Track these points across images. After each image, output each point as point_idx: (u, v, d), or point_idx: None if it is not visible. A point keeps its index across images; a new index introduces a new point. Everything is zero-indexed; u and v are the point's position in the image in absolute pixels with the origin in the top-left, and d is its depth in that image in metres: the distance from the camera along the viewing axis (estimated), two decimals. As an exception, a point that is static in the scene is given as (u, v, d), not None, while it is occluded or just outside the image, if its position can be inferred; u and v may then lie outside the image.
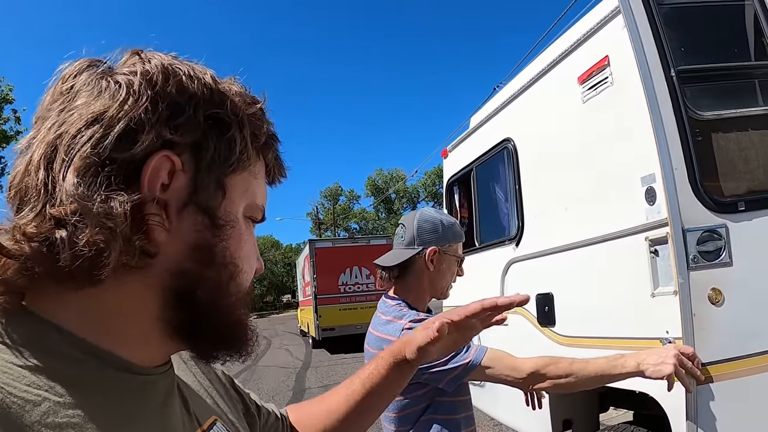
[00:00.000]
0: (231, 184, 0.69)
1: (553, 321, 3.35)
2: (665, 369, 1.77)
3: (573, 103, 3.12)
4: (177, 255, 0.64)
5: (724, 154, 2.39)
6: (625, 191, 2.62)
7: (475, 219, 4.83)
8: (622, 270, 2.73)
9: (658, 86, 2.30)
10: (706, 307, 2.19)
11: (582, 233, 3.02)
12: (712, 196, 2.27)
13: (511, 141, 3.97)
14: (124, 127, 0.59)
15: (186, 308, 0.65)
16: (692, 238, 2.20)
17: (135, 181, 0.60)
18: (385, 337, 1.85)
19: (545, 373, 1.79)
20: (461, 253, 2.06)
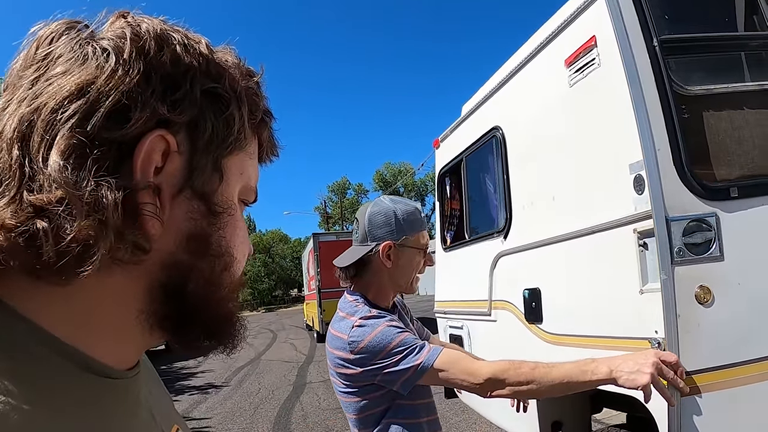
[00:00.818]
0: (228, 166, 0.64)
1: (540, 318, 3.19)
2: (640, 379, 1.59)
3: (560, 87, 2.94)
4: (169, 246, 0.59)
5: (714, 134, 2.14)
6: (613, 180, 2.43)
7: (465, 211, 4.67)
8: (609, 264, 2.54)
9: (638, 57, 2.06)
10: (693, 308, 1.95)
11: (569, 225, 2.84)
12: (700, 181, 2.03)
13: (500, 129, 3.80)
14: (114, 103, 0.53)
15: (175, 302, 0.60)
16: (677, 229, 1.96)
17: (125, 164, 0.54)
18: (337, 335, 1.79)
19: (504, 379, 1.65)
20: (424, 243, 1.92)
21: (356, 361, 1.72)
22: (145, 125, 0.54)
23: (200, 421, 9.04)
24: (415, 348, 1.70)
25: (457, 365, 1.69)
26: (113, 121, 0.53)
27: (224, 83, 0.62)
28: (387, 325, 1.74)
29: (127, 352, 0.63)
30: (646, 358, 1.63)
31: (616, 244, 2.44)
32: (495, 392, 1.66)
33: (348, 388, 1.79)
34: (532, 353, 3.24)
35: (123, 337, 0.60)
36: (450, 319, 4.84)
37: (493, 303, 3.86)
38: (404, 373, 1.68)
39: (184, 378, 14.24)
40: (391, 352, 1.69)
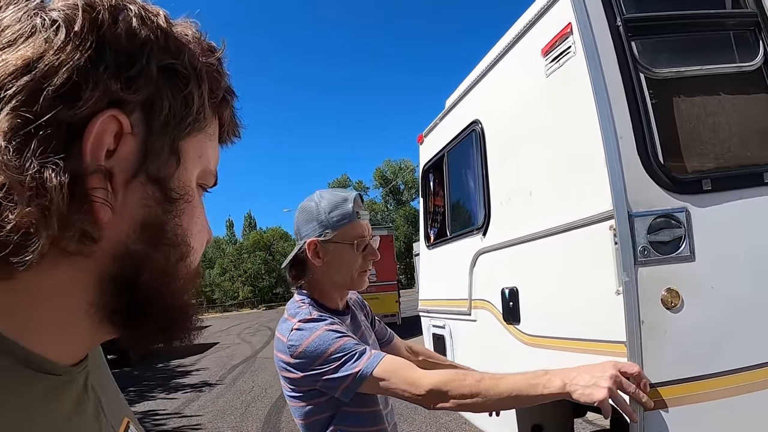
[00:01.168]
0: (185, 148, 0.60)
1: (518, 318, 3.05)
2: (596, 393, 1.45)
3: (537, 77, 2.79)
4: (121, 235, 0.55)
5: (685, 121, 1.97)
6: (589, 173, 2.28)
7: (447, 207, 4.54)
8: (585, 263, 2.40)
9: (600, 38, 1.89)
10: (659, 313, 1.78)
11: (545, 221, 2.70)
12: (669, 173, 1.86)
13: (479, 123, 3.66)
14: (64, 80, 0.49)
15: (126, 294, 0.56)
16: (641, 225, 1.79)
17: (74, 147, 0.50)
18: (279, 337, 1.73)
19: (447, 391, 1.55)
20: (354, 235, 1.79)
21: (296, 365, 1.66)
22: (97, 105, 0.50)
23: (191, 418, 9.10)
24: (354, 354, 1.62)
25: (398, 374, 1.59)
26: (62, 99, 0.49)
27: (183, 59, 0.58)
28: (325, 329, 1.66)
29: (74, 347, 0.59)
30: (603, 371, 1.50)
31: (592, 242, 2.29)
32: (438, 405, 1.57)
33: (293, 392, 1.73)
34: (510, 355, 3.14)
35: (70, 331, 0.56)
36: (433, 318, 4.73)
37: (472, 302, 3.74)
38: (343, 380, 1.61)
39: (179, 376, 14.29)
40: (329, 358, 1.61)
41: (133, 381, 13.65)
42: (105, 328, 0.58)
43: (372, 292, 16.39)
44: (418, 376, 1.58)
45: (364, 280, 1.83)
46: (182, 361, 16.91)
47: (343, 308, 1.90)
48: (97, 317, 0.56)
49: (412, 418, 7.46)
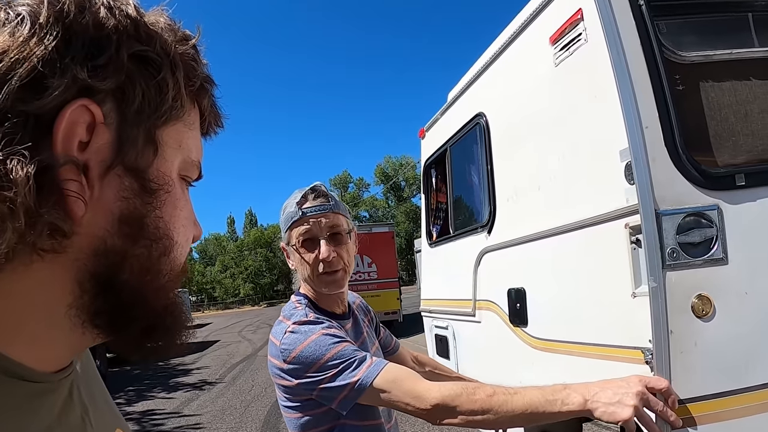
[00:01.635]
0: (163, 137, 0.58)
1: (525, 320, 2.92)
2: (621, 412, 1.30)
3: (545, 67, 2.66)
4: (99, 230, 0.53)
5: (716, 110, 1.81)
6: (603, 168, 2.14)
7: (450, 204, 4.40)
8: (599, 263, 2.26)
9: (621, 19, 1.72)
10: (689, 322, 1.62)
11: (555, 219, 2.56)
12: (699, 167, 1.70)
13: (483, 116, 3.52)
14: (29, 71, 0.48)
15: (107, 294, 0.54)
16: (670, 225, 1.62)
17: (45, 139, 0.49)
18: (272, 340, 1.61)
19: (455, 406, 1.39)
20: (300, 233, 1.65)
21: (290, 371, 1.52)
22: (65, 94, 0.49)
23: (190, 418, 9.05)
24: (354, 362, 1.48)
25: (401, 385, 1.45)
26: (28, 91, 0.48)
27: (155, 46, 0.56)
28: (322, 333, 1.53)
29: (56, 353, 0.57)
30: (629, 386, 1.34)
31: (606, 241, 2.16)
32: (445, 420, 1.41)
33: (288, 402, 1.59)
34: (517, 359, 3.03)
35: (49, 335, 0.54)
36: (435, 318, 4.60)
37: (477, 303, 3.61)
38: (341, 390, 1.47)
39: (179, 374, 14.29)
40: (325, 364, 1.48)
41: (132, 380, 13.63)
42: (88, 332, 0.56)
43: (373, 290, 16.36)
44: (424, 389, 1.43)
45: (327, 281, 1.66)
46: (182, 360, 16.90)
47: (343, 312, 1.76)
48: (78, 320, 0.54)
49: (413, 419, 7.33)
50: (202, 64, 0.63)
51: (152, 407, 10.12)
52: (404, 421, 7.16)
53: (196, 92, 0.63)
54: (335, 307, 1.72)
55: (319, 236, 1.64)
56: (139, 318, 0.57)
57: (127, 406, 10.33)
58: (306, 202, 1.66)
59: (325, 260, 1.62)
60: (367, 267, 16.92)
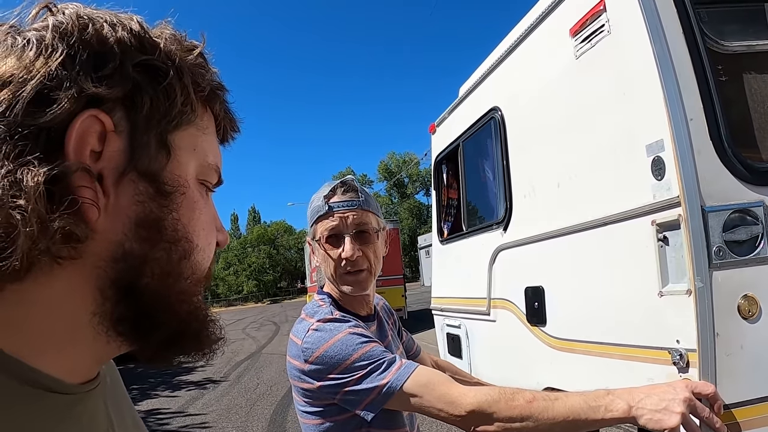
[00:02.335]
0: (176, 142, 0.58)
1: (543, 320, 2.86)
2: (668, 420, 1.24)
3: (565, 60, 2.60)
4: (117, 236, 0.54)
5: (760, 102, 1.73)
6: (628, 163, 2.07)
7: (463, 200, 4.34)
8: (623, 261, 2.20)
9: (662, 8, 1.66)
10: (736, 323, 1.56)
11: (576, 216, 2.50)
12: (745, 161, 1.63)
13: (498, 110, 3.46)
14: (36, 86, 0.50)
15: (129, 300, 0.54)
16: (716, 222, 1.56)
17: (58, 150, 0.50)
18: (293, 339, 1.52)
19: (492, 413, 1.31)
20: (325, 228, 1.57)
21: (311, 373, 1.42)
22: (73, 105, 0.51)
23: (195, 417, 8.96)
24: (383, 363, 1.39)
25: (434, 390, 1.36)
26: (35, 105, 0.50)
27: (159, 54, 0.58)
28: (349, 332, 1.44)
29: (82, 364, 0.57)
30: (675, 392, 1.28)
31: (631, 238, 2.09)
32: (480, 428, 1.33)
33: (308, 407, 1.49)
34: (535, 359, 2.96)
35: (74, 345, 0.54)
36: (447, 317, 4.54)
37: (492, 301, 3.54)
38: (368, 393, 1.38)
39: (183, 372, 14.22)
40: (352, 365, 1.39)
41: (136, 378, 13.60)
42: (113, 340, 0.56)
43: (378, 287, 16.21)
44: (459, 393, 1.35)
45: (350, 280, 1.57)
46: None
47: (368, 314, 1.68)
48: (102, 328, 0.55)
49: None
50: (210, 71, 0.65)
51: (157, 406, 10.07)
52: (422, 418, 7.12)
53: (207, 98, 0.64)
54: (360, 308, 1.64)
55: (345, 233, 1.56)
56: (164, 324, 0.57)
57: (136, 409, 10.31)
58: (334, 196, 1.58)
59: (348, 259, 1.54)
60: (372, 263, 16.92)
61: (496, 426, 1.31)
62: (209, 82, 0.64)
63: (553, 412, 1.29)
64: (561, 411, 1.29)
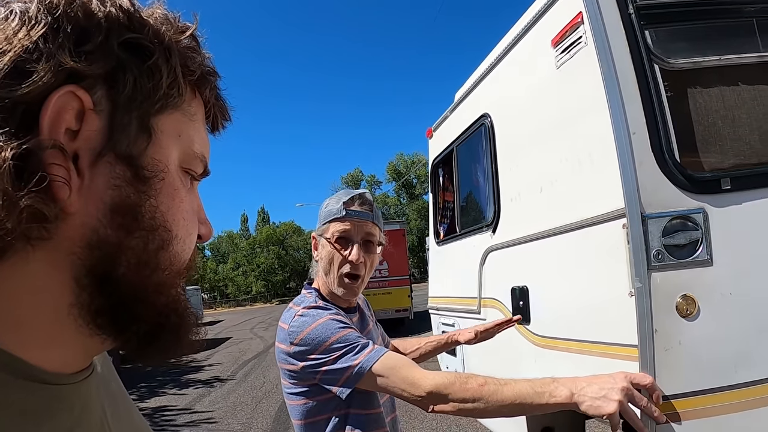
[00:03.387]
0: (159, 125, 0.57)
1: (528, 318, 2.97)
2: (606, 406, 1.36)
3: (547, 69, 2.70)
4: (91, 220, 0.52)
5: (703, 115, 1.85)
6: (602, 169, 2.18)
7: (457, 203, 4.44)
8: (597, 263, 2.30)
9: (611, 27, 1.78)
10: (674, 321, 1.66)
11: (556, 219, 2.60)
12: (685, 171, 1.75)
13: (488, 117, 3.56)
14: (12, 59, 0.48)
15: (105, 290, 0.53)
16: (655, 227, 1.68)
17: (32, 126, 0.48)
18: (281, 325, 1.69)
19: (447, 394, 1.47)
20: (338, 230, 1.75)
21: (296, 354, 1.59)
22: (51, 79, 0.49)
23: (202, 414, 9.14)
24: (356, 346, 1.57)
25: (398, 372, 1.53)
26: (11, 77, 0.47)
27: (147, 34, 0.55)
28: (329, 318, 1.62)
29: (69, 355, 0.55)
30: (614, 382, 1.40)
31: (604, 241, 2.20)
32: (438, 407, 1.50)
33: (294, 388, 1.66)
34: (520, 356, 3.06)
35: (61, 338, 0.53)
36: (442, 315, 4.65)
37: (482, 300, 3.66)
38: (342, 372, 1.55)
39: (191, 371, 14.36)
40: (330, 347, 1.56)
41: (145, 377, 13.74)
42: (95, 334, 0.54)
43: (384, 287, 16.32)
44: (420, 376, 1.51)
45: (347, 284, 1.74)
46: (194, 357, 16.96)
47: (349, 306, 1.84)
48: (82, 321, 0.53)
49: (422, 416, 7.39)
50: (202, 55, 0.62)
51: (164, 403, 10.22)
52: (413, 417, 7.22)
53: (196, 82, 0.62)
54: (342, 302, 1.80)
55: (354, 239, 1.73)
56: (141, 316, 0.56)
57: (140, 402, 10.44)
58: (353, 205, 1.75)
59: (353, 262, 1.70)
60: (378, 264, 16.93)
61: (451, 406, 1.47)
62: (200, 66, 0.62)
63: (501, 396, 1.43)
64: (509, 395, 1.43)
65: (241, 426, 8.11)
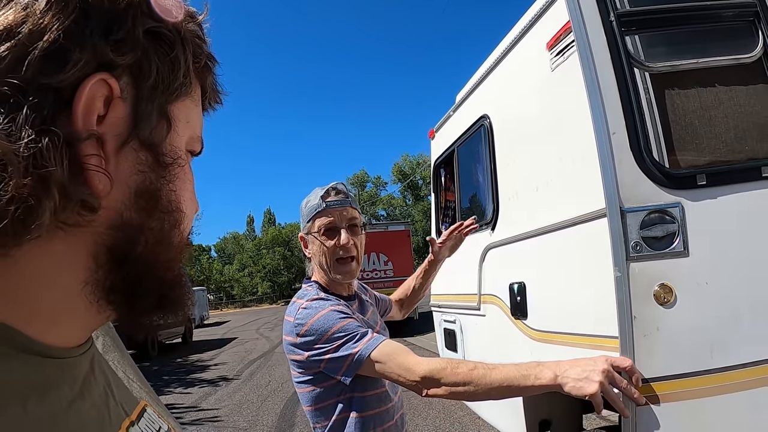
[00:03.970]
0: (174, 113, 0.58)
1: (525, 313, 3.05)
2: (588, 387, 1.46)
3: (542, 71, 2.80)
4: (116, 204, 0.53)
5: (681, 115, 1.95)
6: (588, 169, 2.27)
7: (458, 203, 4.53)
8: (586, 259, 2.39)
9: (593, 33, 1.89)
10: (652, 308, 1.76)
11: (549, 217, 2.69)
12: (662, 168, 1.85)
13: (488, 118, 3.66)
14: (50, 43, 0.47)
15: (122, 269, 0.54)
16: (634, 221, 1.78)
17: (64, 113, 0.48)
18: (287, 319, 1.80)
19: (440, 378, 1.58)
20: (320, 225, 1.87)
21: (302, 345, 1.71)
22: (85, 68, 0.49)
23: (208, 411, 9.21)
24: (356, 335, 1.68)
25: (394, 359, 1.63)
26: (50, 64, 0.47)
27: (167, 23, 0.56)
28: (331, 309, 1.73)
29: (73, 330, 0.56)
30: (596, 365, 1.50)
31: (592, 238, 2.28)
32: (431, 391, 1.60)
33: (301, 377, 1.78)
34: (518, 350, 3.14)
35: (66, 312, 0.54)
36: (444, 312, 4.73)
37: (482, 297, 3.74)
38: (343, 360, 1.66)
39: (197, 370, 14.42)
40: (331, 336, 1.67)
41: (151, 375, 13.77)
42: (103, 309, 0.56)
43: (389, 287, 16.40)
44: (414, 362, 1.61)
45: (343, 270, 1.86)
46: (201, 356, 17.09)
47: (349, 294, 1.96)
48: (93, 297, 0.54)
49: (425, 413, 7.48)
50: (206, 42, 0.63)
51: (170, 401, 10.25)
52: (417, 415, 7.30)
53: (200, 69, 0.63)
54: (342, 290, 1.93)
55: (340, 226, 1.85)
56: (152, 292, 0.58)
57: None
58: (329, 197, 1.88)
59: (344, 246, 1.83)
60: (383, 265, 17.04)
61: (443, 389, 1.57)
62: (204, 54, 0.63)
63: (490, 379, 1.53)
64: (497, 378, 1.53)
65: (246, 423, 8.17)
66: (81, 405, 0.54)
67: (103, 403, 0.59)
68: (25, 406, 0.47)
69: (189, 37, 0.59)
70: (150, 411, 0.70)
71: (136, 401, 0.68)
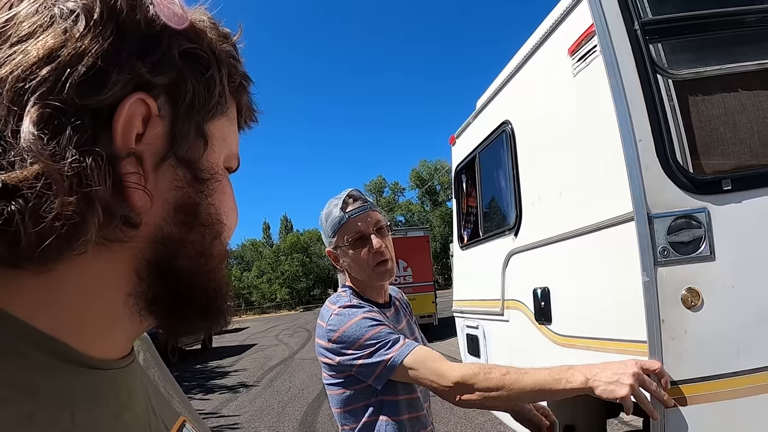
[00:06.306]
0: (211, 131, 0.60)
1: (549, 318, 3.06)
2: (619, 390, 1.48)
3: (564, 77, 2.82)
4: (156, 219, 0.54)
5: (705, 121, 1.97)
6: (616, 173, 2.29)
7: (479, 208, 4.56)
8: (614, 263, 2.40)
9: (618, 42, 1.92)
10: (679, 312, 1.79)
11: (575, 222, 2.71)
12: (688, 174, 1.87)
13: (509, 123, 3.68)
14: (90, 66, 0.48)
15: (164, 281, 0.56)
16: (661, 226, 1.80)
17: (104, 133, 0.49)
18: (320, 323, 1.83)
19: (473, 384, 1.59)
20: (351, 235, 1.86)
21: (333, 350, 1.74)
22: (124, 89, 0.50)
23: (228, 418, 9.30)
24: (388, 342, 1.69)
25: (427, 365, 1.65)
26: (89, 85, 0.48)
27: (202, 44, 0.58)
28: (363, 316, 1.74)
29: (117, 341, 0.58)
30: (626, 368, 1.52)
31: (619, 242, 2.30)
32: (464, 397, 1.61)
33: (332, 379, 1.80)
34: (542, 355, 3.15)
35: (110, 324, 0.55)
36: (467, 318, 4.75)
37: (505, 302, 3.76)
38: (376, 366, 1.67)
39: (217, 377, 14.52)
40: (364, 344, 1.69)
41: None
42: (145, 319, 0.58)
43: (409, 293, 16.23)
44: (447, 368, 1.63)
45: (381, 271, 1.85)
46: (220, 362, 17.21)
47: (385, 301, 1.96)
48: (135, 308, 0.56)
49: (447, 419, 7.48)
50: (240, 62, 0.65)
51: (193, 407, 10.37)
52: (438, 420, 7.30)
53: (236, 89, 0.65)
54: (377, 297, 1.93)
55: (368, 233, 1.85)
56: (194, 302, 0.59)
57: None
58: (348, 206, 1.86)
59: (378, 251, 1.83)
60: (403, 271, 16.97)
61: (477, 395, 1.58)
62: (239, 74, 0.65)
63: (522, 383, 1.55)
64: (529, 382, 1.55)
65: (267, 430, 8.23)
66: (126, 417, 0.56)
67: (144, 416, 0.60)
68: (73, 416, 0.48)
69: (224, 57, 0.60)
70: (189, 427, 0.71)
71: (175, 416, 0.70)
